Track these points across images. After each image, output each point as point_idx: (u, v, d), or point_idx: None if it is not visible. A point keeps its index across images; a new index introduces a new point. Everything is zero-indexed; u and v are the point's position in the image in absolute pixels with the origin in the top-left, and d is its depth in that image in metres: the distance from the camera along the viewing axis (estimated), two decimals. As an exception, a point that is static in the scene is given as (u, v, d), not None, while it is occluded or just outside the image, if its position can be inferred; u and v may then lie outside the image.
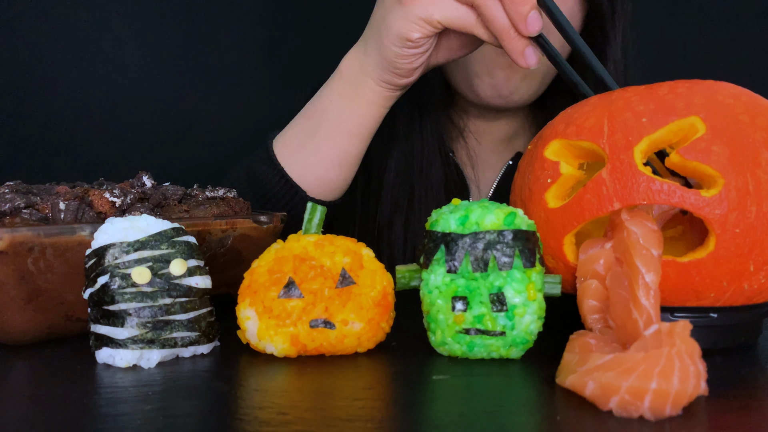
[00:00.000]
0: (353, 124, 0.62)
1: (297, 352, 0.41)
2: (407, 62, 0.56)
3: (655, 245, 0.38)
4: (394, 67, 0.57)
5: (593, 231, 0.47)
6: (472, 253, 0.39)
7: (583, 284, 0.41)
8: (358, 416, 0.32)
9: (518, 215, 0.40)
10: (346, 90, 0.61)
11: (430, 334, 0.42)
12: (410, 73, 0.57)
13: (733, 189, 0.39)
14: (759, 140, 0.40)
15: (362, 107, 0.61)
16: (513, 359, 0.41)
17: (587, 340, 0.38)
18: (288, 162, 0.65)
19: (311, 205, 0.44)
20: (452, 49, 0.58)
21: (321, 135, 0.63)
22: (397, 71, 0.57)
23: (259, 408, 0.33)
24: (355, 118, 0.62)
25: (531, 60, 0.51)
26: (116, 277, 0.39)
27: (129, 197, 0.47)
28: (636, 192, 0.40)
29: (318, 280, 0.41)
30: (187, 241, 0.42)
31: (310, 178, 0.64)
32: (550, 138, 0.46)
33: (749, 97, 0.43)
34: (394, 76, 0.58)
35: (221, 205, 0.53)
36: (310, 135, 0.64)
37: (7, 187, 0.48)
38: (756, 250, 0.39)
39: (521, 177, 0.49)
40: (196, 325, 0.41)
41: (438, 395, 0.35)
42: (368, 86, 0.60)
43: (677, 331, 0.33)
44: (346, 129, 0.62)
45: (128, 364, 0.39)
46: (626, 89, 0.45)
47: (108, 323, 0.39)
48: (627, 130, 0.42)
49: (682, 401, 0.31)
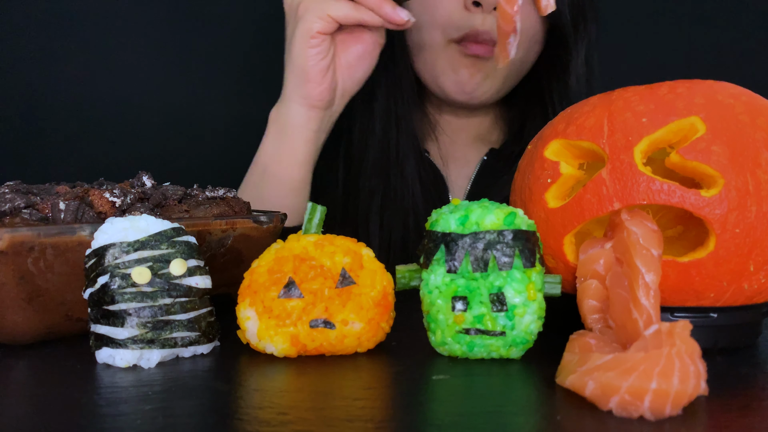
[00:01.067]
0: (290, 154, 0.71)
1: (297, 352, 0.41)
2: (314, 62, 0.66)
3: (655, 245, 0.38)
4: (306, 74, 0.67)
5: (593, 231, 0.47)
6: (472, 253, 0.39)
7: (583, 284, 0.41)
8: (358, 416, 0.32)
9: (518, 215, 0.40)
10: (278, 130, 0.72)
11: (430, 334, 0.42)
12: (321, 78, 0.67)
13: (733, 189, 0.39)
14: (759, 140, 0.40)
15: (293, 136, 0.71)
16: (513, 359, 0.41)
17: (587, 340, 0.38)
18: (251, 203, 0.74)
19: (311, 205, 0.44)
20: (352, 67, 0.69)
21: (268, 172, 0.72)
22: (309, 78, 0.67)
23: (259, 408, 0.33)
24: (290, 149, 0.71)
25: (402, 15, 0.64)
26: (116, 277, 0.39)
27: (129, 197, 0.47)
28: (636, 192, 0.40)
29: (318, 280, 0.41)
30: (187, 241, 0.42)
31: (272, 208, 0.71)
32: (550, 138, 0.46)
33: (749, 97, 0.43)
34: (309, 87, 0.68)
35: (221, 205, 0.53)
36: (260, 176, 0.73)
37: (7, 187, 0.48)
38: (756, 250, 0.39)
39: (521, 177, 0.49)
40: (196, 325, 0.41)
41: (438, 395, 0.35)
42: (293, 111, 0.70)
43: (677, 331, 0.33)
44: (286, 161, 0.72)
45: (128, 364, 0.39)
46: (626, 89, 0.45)
47: (108, 323, 0.39)
48: (627, 130, 0.42)
49: (682, 401, 0.31)
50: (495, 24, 0.73)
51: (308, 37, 0.65)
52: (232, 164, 0.75)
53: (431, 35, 0.77)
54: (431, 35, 0.77)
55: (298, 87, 0.69)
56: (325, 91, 0.69)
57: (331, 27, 0.65)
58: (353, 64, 0.70)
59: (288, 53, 0.69)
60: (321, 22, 0.64)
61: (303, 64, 0.67)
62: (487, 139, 0.89)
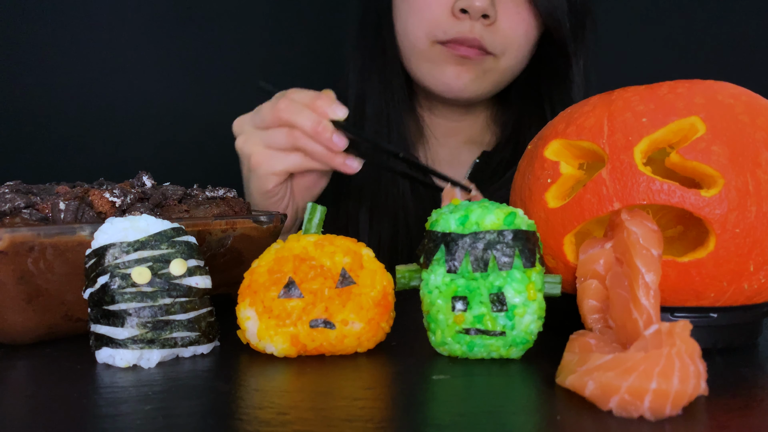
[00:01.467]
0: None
1: (297, 352, 0.41)
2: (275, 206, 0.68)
3: (655, 245, 0.38)
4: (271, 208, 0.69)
5: (593, 231, 0.47)
6: (472, 253, 0.39)
7: (583, 284, 0.41)
8: (358, 416, 0.32)
9: (518, 215, 0.40)
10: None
11: (430, 334, 0.42)
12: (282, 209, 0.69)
13: (733, 189, 0.39)
14: (759, 140, 0.40)
15: None
16: (513, 359, 0.41)
17: (587, 340, 0.38)
18: None
19: (311, 205, 0.44)
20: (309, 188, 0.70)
21: None
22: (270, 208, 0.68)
23: (259, 408, 0.33)
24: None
25: (354, 164, 0.63)
26: (116, 277, 0.39)
27: (129, 197, 0.47)
28: (636, 192, 0.40)
29: (318, 280, 0.41)
30: (187, 241, 0.42)
31: None
32: (550, 138, 0.46)
33: (749, 97, 0.43)
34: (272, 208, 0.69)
35: (221, 205, 0.53)
36: None
37: (7, 187, 0.48)
38: (756, 250, 0.39)
39: (521, 177, 0.49)
40: (196, 325, 0.41)
41: (438, 395, 0.35)
42: None
43: (677, 331, 0.33)
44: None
45: (128, 364, 0.39)
46: (626, 89, 0.45)
47: (108, 323, 0.39)
48: (627, 130, 0.42)
49: (682, 401, 0.31)
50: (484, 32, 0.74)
51: (265, 192, 0.66)
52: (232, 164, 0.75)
53: (417, 37, 0.77)
54: (417, 37, 0.77)
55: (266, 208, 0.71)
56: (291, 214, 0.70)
57: (283, 179, 0.66)
58: (309, 186, 0.70)
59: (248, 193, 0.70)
60: (274, 179, 0.65)
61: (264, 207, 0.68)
62: (479, 141, 0.90)
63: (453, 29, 0.74)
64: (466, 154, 0.89)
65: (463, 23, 0.73)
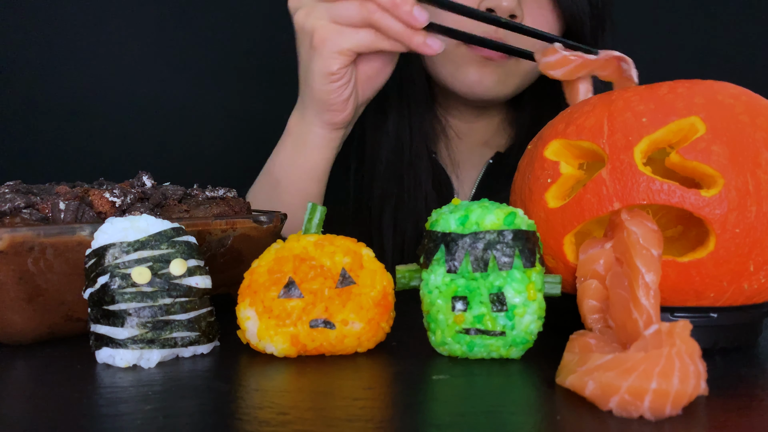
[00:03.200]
0: (307, 170, 0.69)
1: (297, 352, 0.41)
2: (336, 95, 0.62)
3: (655, 245, 0.38)
4: (329, 105, 0.63)
5: (593, 231, 0.47)
6: (472, 253, 0.39)
7: (583, 284, 0.41)
8: (358, 416, 0.32)
9: (518, 215, 0.40)
10: (295, 143, 0.69)
11: (430, 334, 0.42)
12: (344, 105, 0.63)
13: (733, 189, 0.39)
14: (759, 140, 0.40)
15: (312, 154, 0.68)
16: (513, 359, 0.41)
17: (587, 340, 0.38)
18: None
19: (311, 205, 0.44)
20: (371, 78, 0.65)
21: (282, 186, 0.70)
22: (332, 107, 0.63)
23: (259, 408, 0.33)
24: (308, 165, 0.69)
25: (435, 45, 0.57)
26: (116, 277, 0.39)
27: (129, 197, 0.47)
28: (636, 192, 0.40)
29: (318, 280, 0.41)
30: (187, 241, 0.42)
31: None
32: (550, 138, 0.46)
33: (749, 97, 0.43)
34: (332, 115, 0.64)
35: (221, 205, 0.53)
36: (273, 188, 0.71)
37: (7, 187, 0.48)
38: (756, 250, 0.39)
39: (521, 177, 0.49)
40: (196, 325, 0.41)
41: (438, 395, 0.35)
42: (313, 133, 0.67)
43: (677, 331, 0.33)
44: (302, 176, 0.70)
45: (128, 364, 0.39)
46: (626, 89, 0.45)
47: (108, 323, 0.39)
48: (627, 130, 0.42)
49: (682, 401, 0.31)
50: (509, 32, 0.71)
51: (328, 74, 0.60)
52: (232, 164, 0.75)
53: None
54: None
55: (319, 114, 0.65)
56: (348, 115, 0.65)
57: (350, 60, 0.60)
58: (372, 75, 0.65)
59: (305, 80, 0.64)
60: (340, 59, 0.59)
61: (324, 98, 0.62)
62: (494, 143, 0.89)
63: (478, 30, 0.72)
64: (479, 155, 0.88)
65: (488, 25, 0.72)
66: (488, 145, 0.89)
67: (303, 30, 0.60)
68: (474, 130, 0.88)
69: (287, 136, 0.70)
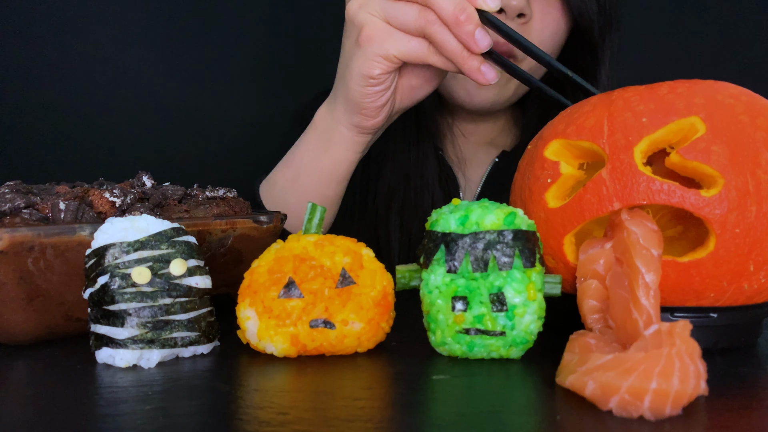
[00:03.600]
0: (329, 170, 0.65)
1: (297, 352, 0.41)
2: (372, 100, 0.57)
3: (655, 245, 0.38)
4: (361, 108, 0.59)
5: (593, 231, 0.47)
6: (472, 253, 0.39)
7: (583, 284, 0.41)
8: (358, 416, 0.32)
9: (518, 215, 0.40)
10: (320, 139, 0.64)
11: (430, 334, 0.42)
12: (377, 112, 0.59)
13: (733, 189, 0.39)
14: (759, 140, 0.40)
15: (336, 153, 0.64)
16: (513, 359, 0.41)
17: (587, 340, 0.38)
18: (272, 206, 0.69)
19: (311, 205, 0.44)
20: (414, 89, 0.60)
21: (300, 182, 0.66)
22: (364, 111, 0.59)
23: (259, 408, 0.33)
24: (330, 164, 0.65)
25: (489, 75, 0.52)
26: (116, 277, 0.39)
27: (129, 197, 0.47)
28: (636, 192, 0.40)
29: (318, 280, 0.41)
30: (187, 241, 0.42)
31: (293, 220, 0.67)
32: (550, 138, 0.46)
33: (749, 97, 0.43)
34: (362, 118, 0.60)
35: (221, 205, 0.53)
36: (290, 181, 0.67)
37: (7, 187, 0.48)
38: (756, 250, 0.39)
39: (521, 177, 0.49)
40: (196, 325, 0.41)
41: (438, 395, 0.35)
42: (340, 132, 0.62)
43: (677, 331, 0.33)
44: (323, 175, 0.65)
45: (128, 364, 0.39)
46: (626, 89, 0.45)
47: (108, 323, 0.39)
48: (627, 130, 0.42)
49: (682, 401, 0.31)
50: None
51: (367, 77, 0.56)
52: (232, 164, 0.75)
53: None
54: None
55: (349, 114, 0.60)
56: (379, 122, 0.61)
57: (395, 67, 0.55)
58: (415, 87, 0.60)
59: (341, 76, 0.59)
60: (384, 64, 0.54)
61: (358, 100, 0.58)
62: (499, 142, 0.89)
63: None
64: (484, 154, 0.88)
65: None
66: (494, 144, 0.89)
67: (352, 22, 0.56)
68: (480, 130, 0.88)
69: (312, 129, 0.65)
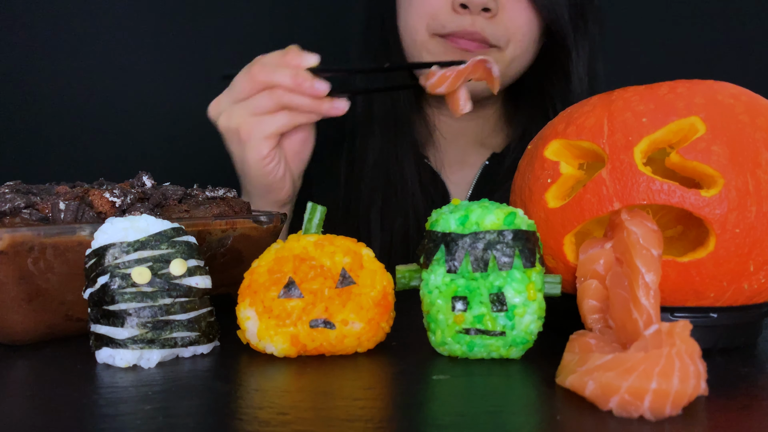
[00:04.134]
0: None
1: (297, 352, 0.41)
2: (273, 175, 0.68)
3: (655, 245, 0.38)
4: (269, 187, 0.69)
5: (593, 231, 0.47)
6: (472, 253, 0.39)
7: (583, 284, 0.41)
8: (358, 416, 0.32)
9: (518, 215, 0.40)
10: None
11: (430, 334, 0.42)
12: (282, 183, 0.69)
13: (733, 189, 0.39)
14: (759, 140, 0.40)
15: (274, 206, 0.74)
16: (513, 359, 0.41)
17: (587, 340, 0.38)
18: None
19: (311, 205, 0.44)
20: (298, 152, 0.70)
21: None
22: (272, 188, 0.69)
23: (259, 408, 0.33)
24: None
25: (341, 106, 0.64)
26: (116, 277, 0.39)
27: (129, 197, 0.47)
28: (636, 192, 0.40)
29: (318, 280, 0.41)
30: (187, 241, 0.42)
31: None
32: (550, 138, 0.46)
33: (749, 97, 0.43)
34: (274, 194, 0.70)
35: (221, 205, 0.53)
36: None
37: (7, 187, 0.48)
38: (756, 250, 0.39)
39: (521, 177, 0.49)
40: (196, 325, 0.41)
41: (438, 395, 0.35)
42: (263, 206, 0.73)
43: (677, 331, 0.33)
44: None
45: (128, 364, 0.39)
46: (626, 89, 0.45)
47: (108, 323, 0.39)
48: (627, 130, 0.42)
49: (682, 401, 0.31)
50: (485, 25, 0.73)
51: (261, 159, 0.66)
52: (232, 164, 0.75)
53: (416, 30, 0.76)
54: (416, 30, 0.76)
55: (264, 196, 0.71)
56: (288, 190, 0.71)
57: (276, 141, 0.66)
58: (299, 149, 0.70)
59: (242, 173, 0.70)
60: (268, 143, 0.65)
61: (263, 182, 0.68)
62: (489, 143, 0.89)
63: (453, 23, 0.73)
64: (475, 155, 0.88)
65: (463, 18, 0.72)
66: (484, 144, 0.88)
67: (229, 130, 0.66)
68: (469, 129, 0.88)
69: None
